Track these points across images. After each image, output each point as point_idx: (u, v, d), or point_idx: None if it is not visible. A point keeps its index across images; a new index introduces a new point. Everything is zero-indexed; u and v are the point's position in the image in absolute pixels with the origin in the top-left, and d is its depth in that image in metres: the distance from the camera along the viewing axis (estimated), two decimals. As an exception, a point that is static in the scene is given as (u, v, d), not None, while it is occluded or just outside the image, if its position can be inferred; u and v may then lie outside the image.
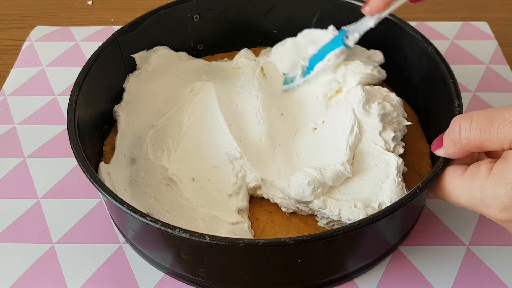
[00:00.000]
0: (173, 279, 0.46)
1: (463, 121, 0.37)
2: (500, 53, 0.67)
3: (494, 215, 0.36)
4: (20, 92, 0.64)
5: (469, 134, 0.36)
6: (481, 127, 0.36)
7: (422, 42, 0.52)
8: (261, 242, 0.36)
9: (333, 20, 0.59)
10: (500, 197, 0.35)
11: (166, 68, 0.58)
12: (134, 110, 0.54)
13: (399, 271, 0.47)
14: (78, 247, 0.49)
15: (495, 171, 0.35)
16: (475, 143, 0.36)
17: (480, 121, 0.36)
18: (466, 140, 0.37)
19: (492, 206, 0.35)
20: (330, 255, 0.42)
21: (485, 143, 0.36)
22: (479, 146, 0.36)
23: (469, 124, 0.36)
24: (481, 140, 0.36)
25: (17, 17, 0.77)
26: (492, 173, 0.36)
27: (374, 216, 0.38)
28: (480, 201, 0.36)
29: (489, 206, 0.36)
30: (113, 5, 0.79)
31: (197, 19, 0.60)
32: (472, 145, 0.37)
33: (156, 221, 0.38)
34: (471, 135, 0.36)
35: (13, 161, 0.56)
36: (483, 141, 0.36)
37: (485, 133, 0.35)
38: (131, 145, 0.52)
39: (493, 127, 0.35)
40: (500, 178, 0.35)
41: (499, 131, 0.35)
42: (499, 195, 0.35)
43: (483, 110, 0.36)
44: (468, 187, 0.37)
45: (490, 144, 0.35)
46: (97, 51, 0.51)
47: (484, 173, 0.36)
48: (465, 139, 0.37)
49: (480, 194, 0.36)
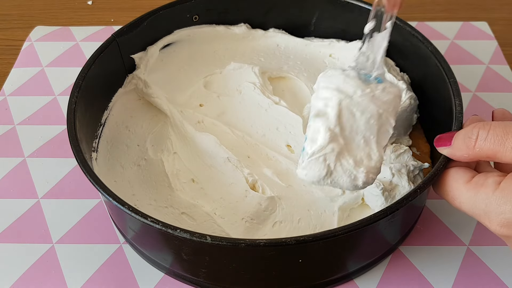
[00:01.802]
0: (173, 279, 0.47)
1: (482, 129, 0.36)
2: (500, 53, 0.67)
3: (495, 229, 0.36)
4: (20, 92, 0.64)
5: (483, 144, 0.36)
6: (497, 138, 0.35)
7: (422, 42, 0.52)
8: (263, 242, 0.36)
9: (332, 21, 0.59)
10: (504, 213, 0.35)
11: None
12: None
13: (399, 271, 0.47)
14: (78, 247, 0.49)
15: (503, 186, 0.35)
16: (487, 152, 0.36)
17: (497, 132, 0.35)
18: (479, 149, 0.36)
19: (495, 221, 0.35)
20: (331, 255, 0.42)
21: (497, 155, 0.36)
22: (491, 156, 0.36)
23: (486, 134, 0.36)
24: (494, 151, 0.36)
25: (17, 17, 0.77)
26: (500, 188, 0.35)
27: (375, 215, 0.38)
28: (483, 213, 0.36)
29: (492, 220, 0.36)
30: (113, 5, 0.79)
31: (197, 19, 0.60)
32: (484, 154, 0.36)
33: (157, 222, 0.37)
34: (485, 144, 0.36)
35: (13, 161, 0.56)
36: (496, 152, 0.35)
37: (499, 145, 0.35)
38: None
39: (508, 141, 0.35)
40: (507, 195, 0.35)
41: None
42: (504, 211, 0.35)
43: (503, 122, 0.36)
44: (473, 197, 0.37)
45: (503, 156, 0.35)
46: (97, 52, 0.51)
47: (491, 186, 0.36)
48: (479, 147, 0.36)
49: (484, 206, 0.36)
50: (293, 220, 0.46)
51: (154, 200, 0.48)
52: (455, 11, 0.77)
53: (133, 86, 0.56)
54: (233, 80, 0.57)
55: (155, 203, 0.48)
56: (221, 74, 0.58)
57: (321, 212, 0.47)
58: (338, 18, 0.59)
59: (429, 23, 0.72)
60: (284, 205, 0.46)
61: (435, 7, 0.78)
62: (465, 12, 0.77)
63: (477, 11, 0.77)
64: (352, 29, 0.59)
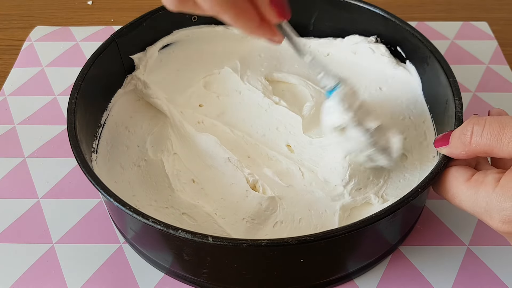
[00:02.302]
0: (173, 280, 0.46)
1: (476, 125, 0.36)
2: (500, 53, 0.67)
3: (497, 226, 0.36)
4: (20, 92, 0.63)
5: (479, 139, 0.36)
6: (493, 133, 0.35)
7: (422, 42, 0.52)
8: (264, 242, 0.36)
9: (331, 21, 0.59)
10: (505, 210, 0.35)
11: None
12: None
13: (399, 271, 0.47)
14: (78, 247, 0.49)
15: (503, 183, 0.35)
16: (484, 148, 0.36)
17: (493, 127, 0.35)
18: (475, 145, 0.36)
19: (496, 218, 0.35)
20: (332, 255, 0.43)
21: (494, 150, 0.36)
22: (488, 152, 0.36)
23: (482, 129, 0.36)
24: (491, 147, 0.36)
25: (17, 17, 0.77)
26: (500, 184, 0.35)
27: (376, 215, 0.38)
28: (484, 211, 0.36)
29: (493, 217, 0.36)
30: (113, 5, 0.79)
31: (196, 19, 0.60)
32: (481, 150, 0.36)
33: (158, 222, 0.37)
34: (481, 140, 0.36)
35: (13, 161, 0.56)
36: (493, 147, 0.35)
37: (496, 140, 0.35)
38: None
39: (504, 135, 0.35)
40: (507, 191, 0.35)
41: (510, 139, 0.35)
42: (504, 208, 0.35)
43: (498, 116, 0.36)
44: (473, 195, 0.37)
45: (499, 151, 0.35)
46: (96, 53, 0.51)
47: (490, 183, 0.36)
48: (475, 143, 0.36)
49: (485, 204, 0.36)
50: (294, 220, 0.46)
51: (154, 200, 0.48)
52: (455, 11, 0.77)
53: (132, 86, 0.56)
54: (233, 80, 0.57)
55: (155, 204, 0.48)
56: (219, 75, 0.58)
57: (322, 212, 0.47)
58: (337, 18, 0.59)
59: (429, 23, 0.72)
60: (285, 205, 0.46)
61: (435, 7, 0.78)
62: (465, 12, 0.77)
63: (477, 11, 0.77)
64: (352, 29, 0.59)
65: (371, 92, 0.57)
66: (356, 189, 0.47)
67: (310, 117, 0.53)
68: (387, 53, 0.57)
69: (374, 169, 0.48)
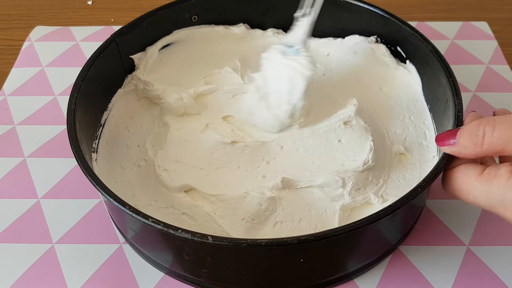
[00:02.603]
0: (173, 279, 0.47)
1: (487, 126, 0.37)
2: (500, 53, 0.67)
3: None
4: (20, 92, 0.63)
5: (491, 140, 0.36)
6: (504, 133, 0.36)
7: (422, 42, 0.52)
8: (264, 242, 0.36)
9: (331, 21, 0.59)
10: None
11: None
12: None
13: (399, 271, 0.47)
14: (78, 247, 0.49)
15: None
16: (496, 148, 0.36)
17: (504, 126, 0.36)
18: (488, 145, 0.37)
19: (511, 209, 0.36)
20: (332, 255, 0.42)
21: (506, 148, 0.36)
22: (500, 151, 0.36)
23: (492, 130, 0.36)
24: (503, 145, 0.36)
25: (17, 17, 0.77)
26: None
27: (376, 215, 0.38)
28: (499, 203, 0.36)
29: (508, 209, 0.36)
30: (113, 5, 0.79)
31: (196, 19, 0.60)
32: (493, 150, 0.37)
33: (158, 222, 0.37)
34: (492, 140, 0.36)
35: (13, 161, 0.56)
36: (505, 146, 0.36)
37: (507, 138, 0.35)
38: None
39: None
40: None
41: None
42: None
43: (505, 116, 0.37)
44: (487, 189, 0.37)
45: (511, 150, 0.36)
46: (96, 53, 0.51)
47: (504, 176, 0.36)
48: (488, 144, 0.37)
49: (500, 197, 0.36)
50: (293, 220, 0.46)
51: (154, 200, 0.48)
52: (455, 11, 0.77)
53: (132, 86, 0.56)
54: (233, 80, 0.57)
55: (155, 204, 0.48)
56: (219, 75, 0.58)
57: (321, 212, 0.47)
58: (337, 18, 0.59)
59: (429, 23, 0.72)
60: (285, 205, 0.46)
61: (435, 7, 0.78)
62: (465, 12, 0.77)
63: (477, 11, 0.77)
64: (352, 29, 0.59)
65: (371, 92, 0.57)
66: (356, 189, 0.47)
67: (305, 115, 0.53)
68: (387, 53, 0.57)
69: (374, 169, 0.48)
